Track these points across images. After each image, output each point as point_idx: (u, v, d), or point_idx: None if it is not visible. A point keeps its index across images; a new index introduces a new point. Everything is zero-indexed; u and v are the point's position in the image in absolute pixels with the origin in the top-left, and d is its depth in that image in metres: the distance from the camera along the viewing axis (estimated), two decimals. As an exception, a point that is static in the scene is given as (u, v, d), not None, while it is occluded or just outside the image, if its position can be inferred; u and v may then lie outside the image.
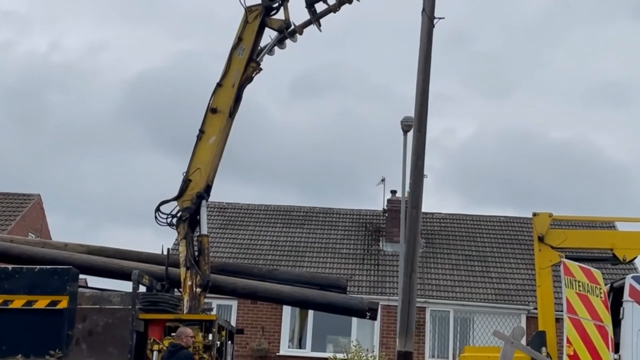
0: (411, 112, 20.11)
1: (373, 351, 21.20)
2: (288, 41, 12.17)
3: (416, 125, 9.96)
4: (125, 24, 62.37)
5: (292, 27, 12.06)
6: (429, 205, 29.92)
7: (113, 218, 59.82)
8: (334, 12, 12.13)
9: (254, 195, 67.65)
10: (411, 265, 9.38)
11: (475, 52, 55.25)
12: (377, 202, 37.56)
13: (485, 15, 55.66)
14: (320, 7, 12.16)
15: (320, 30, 12.19)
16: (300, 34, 12.14)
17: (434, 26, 10.01)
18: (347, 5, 12.08)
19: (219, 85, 11.79)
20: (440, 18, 10.17)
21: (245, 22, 11.95)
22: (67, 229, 56.17)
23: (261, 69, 12.04)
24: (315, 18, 12.12)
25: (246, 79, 11.91)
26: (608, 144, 59.11)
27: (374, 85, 57.40)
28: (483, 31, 58.26)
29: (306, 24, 12.19)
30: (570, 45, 57.14)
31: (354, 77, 58.84)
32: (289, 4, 12.09)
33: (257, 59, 11.95)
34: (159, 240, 37.17)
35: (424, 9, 10.08)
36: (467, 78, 55.65)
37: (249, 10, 11.96)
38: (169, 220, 11.34)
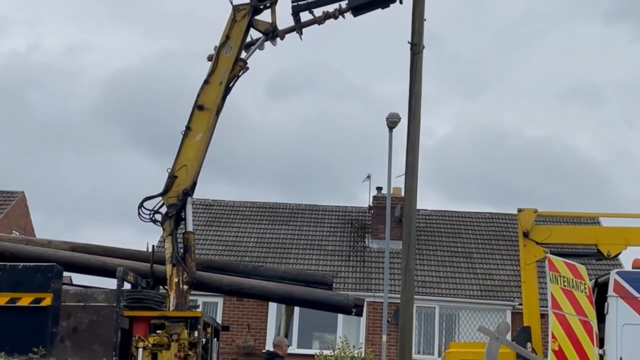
0: (391, 110, 20.29)
1: (360, 347, 21.24)
2: (267, 43, 12.20)
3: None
4: (104, 23, 62.06)
5: (276, 31, 12.09)
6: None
7: (93, 216, 59.58)
8: (319, 25, 12.19)
9: (235, 194, 67.54)
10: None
11: (451, 52, 55.52)
12: (359, 199, 37.60)
13: (460, 17, 55.93)
14: (305, 16, 12.21)
15: (301, 39, 12.30)
16: (282, 39, 12.19)
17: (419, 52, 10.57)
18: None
19: (206, 82, 11.74)
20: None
21: (233, 20, 11.92)
22: (48, 227, 55.92)
23: (248, 68, 12.05)
24: (299, 27, 12.20)
25: (233, 77, 11.90)
26: (584, 143, 59.65)
27: (351, 84, 57.59)
28: (458, 32, 58.52)
29: (289, 30, 12.26)
30: (543, 48, 57.63)
31: (331, 76, 58.97)
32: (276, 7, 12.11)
33: (245, 58, 11.95)
34: (140, 238, 36.98)
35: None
36: (443, 78, 55.97)
37: (236, 8, 11.93)
38: (151, 216, 11.29)
